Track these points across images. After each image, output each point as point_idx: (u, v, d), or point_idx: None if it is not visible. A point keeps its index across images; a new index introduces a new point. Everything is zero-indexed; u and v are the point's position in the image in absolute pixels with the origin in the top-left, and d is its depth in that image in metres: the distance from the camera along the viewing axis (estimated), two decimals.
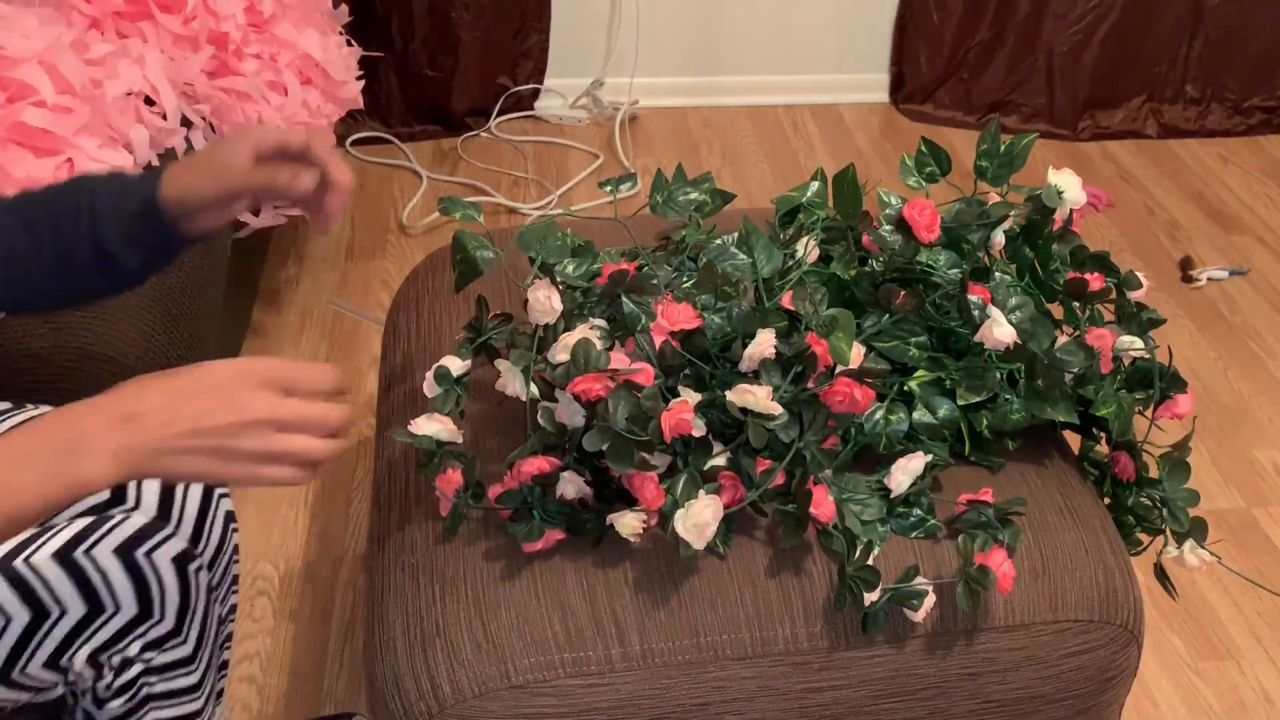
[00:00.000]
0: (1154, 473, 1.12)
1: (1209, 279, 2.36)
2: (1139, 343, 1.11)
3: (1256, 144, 2.87)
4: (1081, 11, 2.75)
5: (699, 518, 0.92)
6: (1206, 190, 2.67)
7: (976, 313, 1.04)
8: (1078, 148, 2.82)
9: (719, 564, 0.99)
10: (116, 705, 1.00)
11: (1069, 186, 1.11)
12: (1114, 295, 1.13)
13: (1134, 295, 1.14)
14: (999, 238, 1.13)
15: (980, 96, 2.85)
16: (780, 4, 2.77)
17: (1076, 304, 1.12)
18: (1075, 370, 1.05)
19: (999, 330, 1.03)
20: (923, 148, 1.16)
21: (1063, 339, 1.06)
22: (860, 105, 2.93)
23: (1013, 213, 1.14)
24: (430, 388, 1.04)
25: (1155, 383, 1.11)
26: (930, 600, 0.97)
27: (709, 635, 0.97)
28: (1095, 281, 1.09)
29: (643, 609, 0.97)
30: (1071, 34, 2.78)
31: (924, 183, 1.16)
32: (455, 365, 1.04)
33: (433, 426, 1.00)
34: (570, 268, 1.06)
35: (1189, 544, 1.10)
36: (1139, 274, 1.14)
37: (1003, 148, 1.15)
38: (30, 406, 1.07)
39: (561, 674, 0.94)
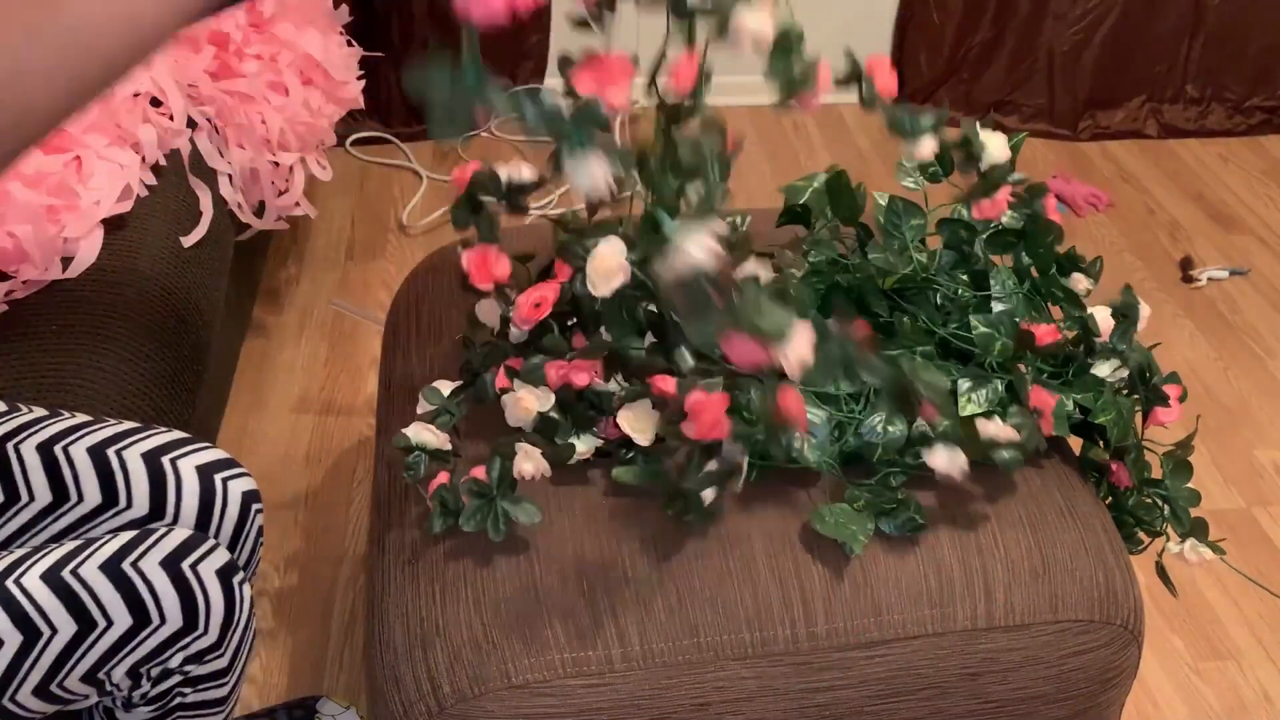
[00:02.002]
0: (1156, 472, 1.12)
1: (1209, 279, 2.36)
2: (1118, 365, 1.10)
3: (1257, 144, 2.87)
4: (1081, 11, 2.75)
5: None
6: (1207, 190, 2.67)
7: (924, 431, 1.02)
8: (1078, 148, 2.82)
9: (719, 564, 0.99)
10: (145, 711, 0.99)
11: (992, 142, 1.09)
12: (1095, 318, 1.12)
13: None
14: (925, 146, 1.08)
15: (980, 96, 2.85)
16: (780, 4, 2.77)
17: (1023, 363, 1.09)
18: (1012, 457, 1.03)
19: (950, 457, 0.99)
20: None
21: (1013, 415, 1.04)
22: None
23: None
24: (422, 406, 1.05)
25: (1139, 391, 1.11)
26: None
27: (709, 635, 0.97)
28: (1048, 335, 1.07)
29: (643, 609, 0.97)
30: (1072, 34, 2.78)
31: (922, 183, 1.16)
32: (446, 386, 1.05)
33: (424, 436, 1.01)
34: None
35: (1190, 542, 1.10)
36: (1098, 315, 1.11)
37: None
38: (24, 409, 1.07)
39: (561, 674, 0.94)
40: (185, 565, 0.92)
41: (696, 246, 0.76)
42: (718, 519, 1.02)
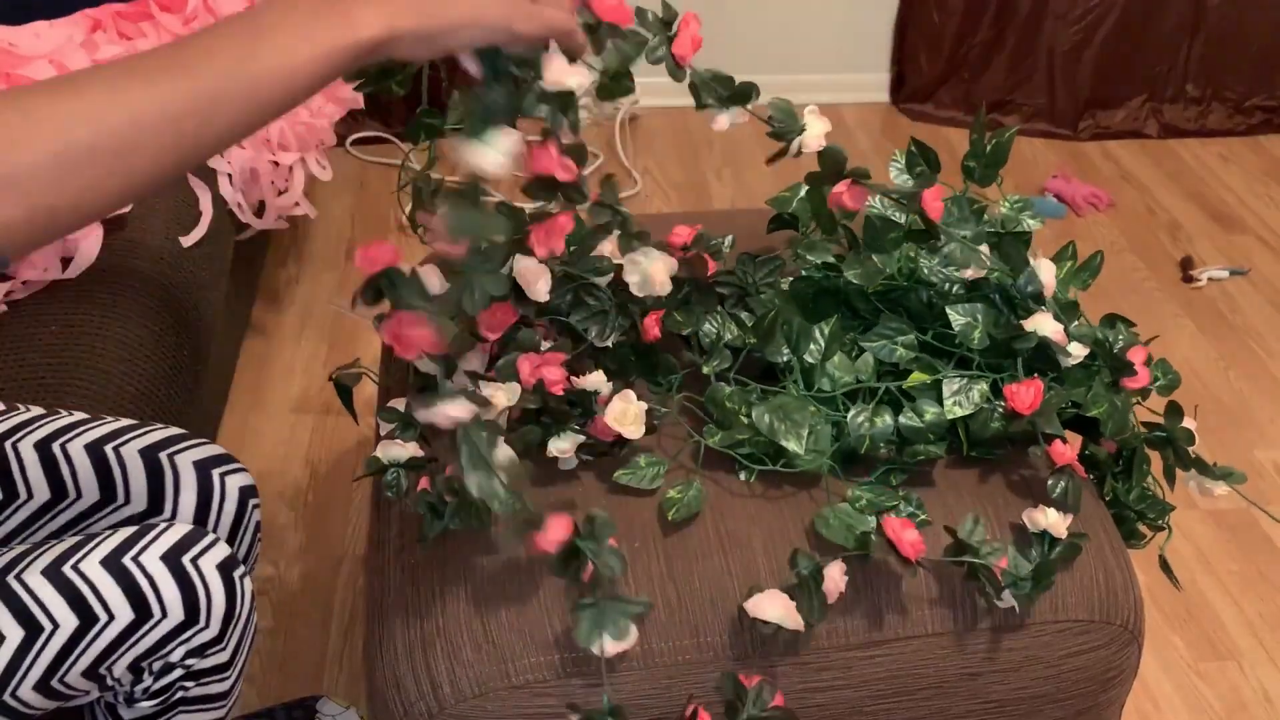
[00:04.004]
0: (1155, 465, 1.13)
1: (1209, 279, 2.36)
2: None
3: (1257, 144, 2.87)
4: (1082, 11, 2.75)
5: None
6: (1207, 190, 2.67)
7: None
8: (1078, 148, 2.83)
9: (719, 564, 0.99)
10: (147, 706, 0.99)
11: (812, 124, 1.07)
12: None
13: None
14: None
15: (980, 96, 2.85)
16: (780, 4, 2.77)
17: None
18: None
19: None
20: (912, 147, 1.16)
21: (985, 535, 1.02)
22: (860, 105, 2.93)
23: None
24: (384, 427, 1.05)
25: (1105, 363, 1.11)
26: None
27: (709, 635, 0.97)
28: (1062, 455, 1.05)
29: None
30: (1072, 34, 2.78)
31: (914, 182, 1.16)
32: (401, 402, 1.05)
33: (394, 451, 1.01)
34: None
35: (1197, 479, 1.11)
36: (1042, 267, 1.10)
37: (989, 148, 1.14)
38: (22, 408, 1.07)
39: (561, 674, 0.94)
40: (186, 559, 0.92)
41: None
42: (711, 518, 1.02)
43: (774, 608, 0.94)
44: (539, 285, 1.05)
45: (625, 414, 1.02)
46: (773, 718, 0.91)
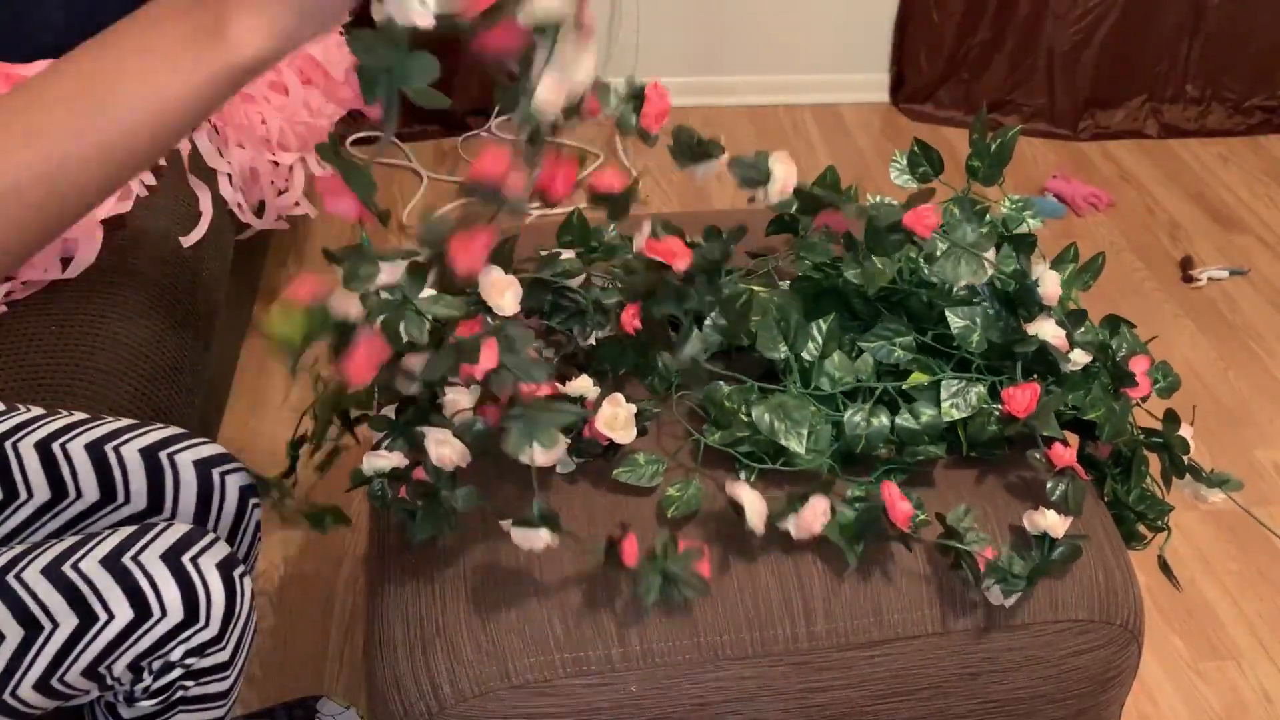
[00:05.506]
0: (1154, 466, 1.13)
1: (1209, 279, 2.36)
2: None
3: (1257, 144, 2.87)
4: (1081, 11, 2.75)
5: None
6: (1207, 190, 2.68)
7: None
8: (1078, 148, 2.83)
9: (719, 563, 0.99)
10: (147, 705, 0.99)
11: (776, 170, 1.06)
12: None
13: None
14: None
15: (980, 96, 2.85)
16: (780, 4, 2.77)
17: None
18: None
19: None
20: (915, 147, 1.16)
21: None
22: (860, 105, 2.93)
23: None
24: (373, 437, 1.04)
25: (1106, 372, 1.11)
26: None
27: (709, 635, 0.97)
28: (1062, 458, 1.05)
29: (643, 608, 0.97)
30: (1072, 34, 2.78)
31: (916, 182, 1.16)
32: (392, 410, 1.05)
33: (378, 463, 1.00)
34: None
35: (1193, 486, 1.11)
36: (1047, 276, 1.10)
37: (993, 148, 1.14)
38: (22, 408, 1.07)
39: (561, 674, 0.94)
40: (186, 558, 0.92)
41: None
42: (710, 515, 1.02)
43: (749, 497, 0.95)
44: (505, 298, 1.03)
45: (615, 419, 1.02)
46: (684, 578, 0.90)
